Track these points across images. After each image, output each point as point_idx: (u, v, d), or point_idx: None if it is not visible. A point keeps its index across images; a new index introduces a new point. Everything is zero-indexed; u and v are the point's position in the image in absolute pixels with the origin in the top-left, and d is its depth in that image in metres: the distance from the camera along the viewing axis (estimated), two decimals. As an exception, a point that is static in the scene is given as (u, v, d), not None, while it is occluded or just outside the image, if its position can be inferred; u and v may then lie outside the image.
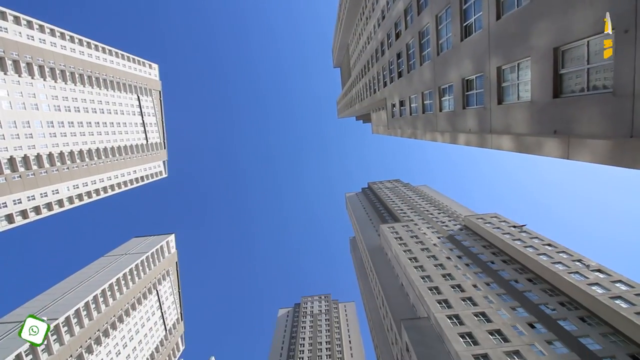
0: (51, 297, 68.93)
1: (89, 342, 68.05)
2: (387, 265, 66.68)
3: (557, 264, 43.64)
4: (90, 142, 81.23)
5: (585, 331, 34.69)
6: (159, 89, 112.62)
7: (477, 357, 31.42)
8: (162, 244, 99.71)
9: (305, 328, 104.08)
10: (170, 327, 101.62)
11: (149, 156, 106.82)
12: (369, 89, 40.81)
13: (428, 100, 20.76)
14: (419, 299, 45.16)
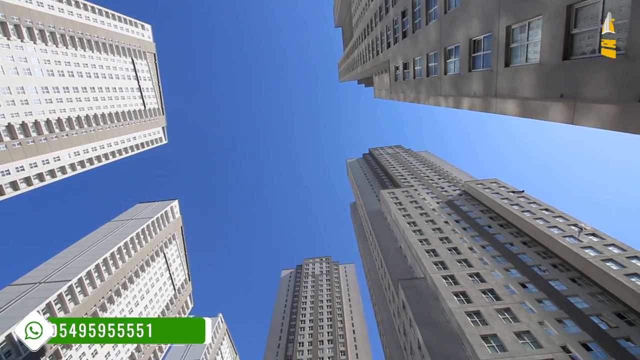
0: (63, 260, 71.66)
1: (102, 301, 71.85)
2: (386, 229, 68.34)
3: (553, 228, 44.69)
4: (87, 108, 79.95)
5: (574, 291, 36.37)
6: (153, 51, 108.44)
7: (470, 314, 33.21)
8: (167, 210, 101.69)
9: (307, 288, 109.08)
10: (179, 287, 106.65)
11: (148, 122, 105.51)
12: (372, 51, 39.27)
13: (433, 62, 20.08)
14: (416, 260, 46.85)
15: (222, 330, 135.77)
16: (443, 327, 34.68)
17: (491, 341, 29.51)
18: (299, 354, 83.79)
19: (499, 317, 32.03)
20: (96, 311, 69.77)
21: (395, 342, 54.14)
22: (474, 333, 30.33)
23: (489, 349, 28.60)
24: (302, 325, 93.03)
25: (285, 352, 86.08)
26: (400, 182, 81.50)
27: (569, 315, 33.34)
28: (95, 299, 69.79)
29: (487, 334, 30.20)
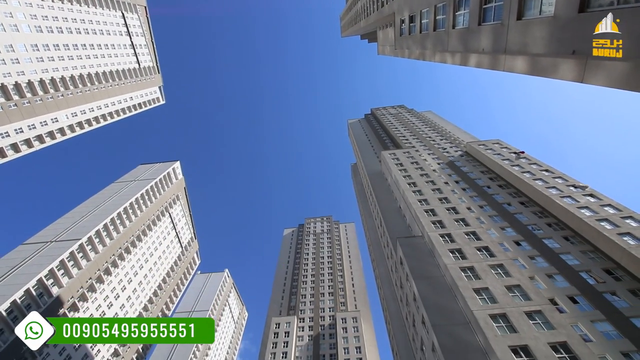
0: (71, 220, 73.71)
1: (113, 258, 75.08)
2: (387, 189, 69.22)
3: (551, 189, 45.22)
4: (80, 67, 77.27)
5: (567, 249, 37.73)
6: (143, 4, 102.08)
7: (464, 269, 34.80)
8: (169, 171, 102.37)
9: (308, 246, 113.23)
10: (185, 245, 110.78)
11: (143, 82, 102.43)
12: (377, 2, 36.92)
13: (441, 15, 18.99)
14: (414, 219, 48.08)
15: (229, 285, 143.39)
16: (438, 281, 36.54)
17: (483, 294, 31.24)
18: (301, 304, 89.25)
19: (491, 272, 33.60)
20: (108, 267, 73.21)
21: (392, 295, 57.37)
22: (467, 286, 32.02)
23: (480, 300, 30.37)
24: (304, 280, 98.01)
25: (288, 303, 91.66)
26: (402, 143, 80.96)
27: (559, 271, 34.93)
28: (106, 256, 72.86)
29: (480, 287, 31.89)
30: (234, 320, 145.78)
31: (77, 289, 64.63)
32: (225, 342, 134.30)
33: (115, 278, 76.12)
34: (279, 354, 73.07)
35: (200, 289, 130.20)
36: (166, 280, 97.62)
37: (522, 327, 26.86)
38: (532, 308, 28.71)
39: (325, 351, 75.83)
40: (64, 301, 61.43)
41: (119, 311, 76.60)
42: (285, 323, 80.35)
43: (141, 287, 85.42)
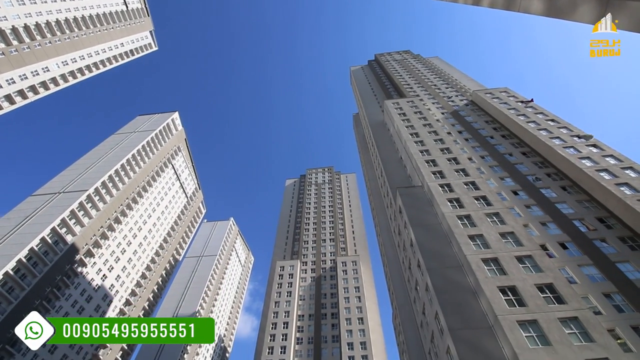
0: (76, 172, 74.75)
1: (121, 207, 77.52)
2: (388, 140, 68.70)
3: (555, 139, 44.77)
4: (64, 10, 72.19)
5: (563, 198, 38.53)
6: None
7: (460, 217, 35.98)
8: (168, 122, 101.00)
9: (310, 196, 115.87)
10: (190, 195, 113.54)
11: (133, 26, 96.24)
12: None
13: (454, -54, 17.15)
14: (415, 170, 48.50)
15: (235, 232, 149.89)
16: (434, 229, 38.04)
17: (477, 240, 32.71)
18: (304, 250, 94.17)
19: (487, 220, 34.79)
20: (117, 217, 75.96)
21: (390, 241, 60.13)
22: (462, 233, 33.41)
23: (473, 246, 31.90)
24: (307, 227, 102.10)
25: (292, 248, 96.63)
26: (406, 92, 78.36)
27: (553, 219, 36.10)
28: (114, 206, 75.17)
29: (474, 234, 33.27)
30: (241, 264, 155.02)
31: (90, 236, 67.83)
32: (234, 283, 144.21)
33: (126, 226, 79.41)
34: (284, 293, 78.93)
35: (208, 236, 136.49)
36: (174, 228, 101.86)
37: (512, 270, 28.57)
38: (523, 253, 30.24)
39: (327, 290, 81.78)
40: (79, 248, 64.88)
41: (132, 256, 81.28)
42: (289, 266, 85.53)
43: (151, 235, 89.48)
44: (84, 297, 66.13)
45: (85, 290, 66.69)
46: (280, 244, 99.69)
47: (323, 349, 69.52)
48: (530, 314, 24.85)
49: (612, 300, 27.46)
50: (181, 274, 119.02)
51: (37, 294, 56.28)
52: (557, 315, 24.43)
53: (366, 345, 66.94)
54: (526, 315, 24.78)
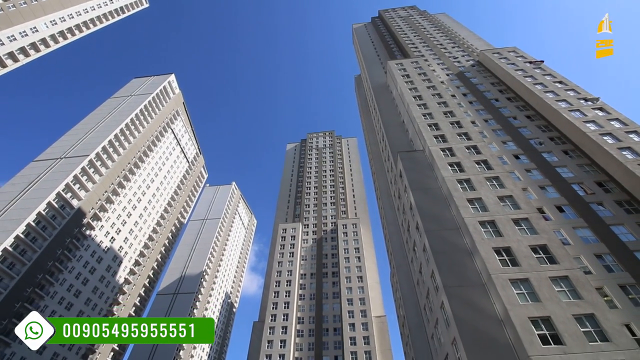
0: (75, 137, 74.33)
1: (124, 172, 78.09)
2: (391, 103, 67.25)
3: (561, 102, 43.77)
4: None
5: (564, 162, 38.50)
6: None
7: (460, 181, 36.30)
8: (165, 85, 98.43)
9: (311, 160, 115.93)
10: (191, 160, 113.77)
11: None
12: None
13: None
14: (417, 134, 48.05)
15: (237, 195, 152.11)
16: (434, 193, 38.55)
17: (475, 203, 33.28)
18: (305, 213, 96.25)
19: (486, 184, 35.13)
20: (121, 181, 76.78)
21: (390, 204, 61.18)
22: (462, 197, 33.92)
23: (472, 209, 32.54)
24: (308, 191, 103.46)
25: (293, 212, 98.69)
26: (410, 52, 75.23)
27: (552, 183, 36.38)
28: (117, 171, 75.68)
29: (473, 197, 33.78)
30: (244, 227, 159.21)
31: (95, 201, 69.10)
32: (238, 245, 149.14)
33: (130, 191, 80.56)
34: (287, 254, 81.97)
35: (211, 200, 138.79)
36: (177, 192, 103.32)
37: (508, 232, 29.40)
38: (519, 216, 30.91)
39: (328, 251, 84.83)
40: (85, 212, 66.38)
41: (138, 220, 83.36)
42: (291, 229, 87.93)
43: (155, 199, 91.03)
44: (94, 259, 68.91)
45: (95, 252, 69.31)
46: (282, 207, 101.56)
47: (324, 304, 73.64)
48: (522, 273, 25.98)
49: (602, 261, 28.51)
50: (186, 236, 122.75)
51: (50, 255, 58.58)
52: (548, 275, 25.54)
53: (365, 301, 70.76)
54: (518, 274, 25.92)
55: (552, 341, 21.85)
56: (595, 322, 22.46)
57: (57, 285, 60.24)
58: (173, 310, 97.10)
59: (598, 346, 21.12)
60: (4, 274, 51.62)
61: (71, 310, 62.58)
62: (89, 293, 67.12)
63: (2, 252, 51.37)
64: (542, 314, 23.22)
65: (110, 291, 73.24)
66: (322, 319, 71.12)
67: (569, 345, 21.29)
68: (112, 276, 73.58)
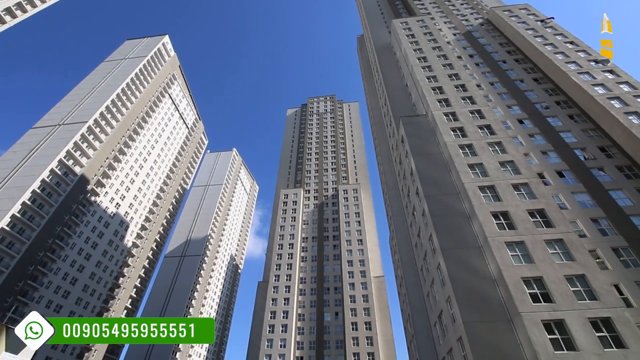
0: (72, 103, 73.02)
1: (124, 139, 77.67)
2: (394, 65, 64.97)
3: (571, 64, 42.17)
4: None
5: (568, 127, 37.96)
6: None
7: (462, 146, 36.08)
8: (159, 47, 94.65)
9: (312, 126, 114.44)
10: (191, 126, 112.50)
11: None
12: None
13: None
14: (420, 98, 46.97)
15: (238, 162, 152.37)
16: (435, 158, 38.52)
17: (476, 169, 33.37)
18: (306, 179, 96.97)
19: (488, 149, 34.97)
20: (121, 148, 76.61)
21: (390, 170, 61.41)
22: (463, 162, 33.93)
23: (472, 174, 32.69)
24: (309, 157, 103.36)
25: (295, 177, 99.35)
26: (417, 9, 71.27)
27: (554, 148, 36.17)
28: (116, 137, 75.24)
29: (474, 162, 33.79)
30: (246, 193, 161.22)
31: (97, 167, 69.46)
32: (241, 210, 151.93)
33: (131, 157, 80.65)
34: (289, 219, 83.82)
35: (212, 166, 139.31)
36: (179, 159, 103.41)
37: (506, 197, 29.79)
38: (519, 181, 31.12)
39: (329, 216, 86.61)
40: (89, 179, 67.01)
41: (141, 186, 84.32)
42: (293, 194, 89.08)
43: (157, 165, 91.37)
44: (101, 224, 70.73)
45: (102, 217, 70.95)
46: (283, 173, 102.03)
47: (325, 266, 76.64)
48: (518, 236, 26.71)
49: (598, 225, 29.16)
50: (190, 202, 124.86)
51: (57, 221, 60.08)
52: (543, 238, 26.27)
53: (364, 262, 73.52)
54: (514, 237, 26.67)
55: (542, 299, 23.01)
56: (585, 282, 23.47)
57: (68, 249, 62.42)
58: (181, 272, 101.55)
59: (586, 304, 22.27)
60: (16, 240, 53.35)
61: (83, 273, 65.41)
62: (99, 256, 69.70)
63: (11, 219, 52.67)
64: (534, 274, 24.22)
65: (120, 254, 75.97)
66: (324, 279, 74.37)
67: (558, 303, 22.45)
68: (120, 240, 75.96)
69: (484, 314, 24.86)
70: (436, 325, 34.47)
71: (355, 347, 62.06)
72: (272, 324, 65.83)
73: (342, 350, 62.93)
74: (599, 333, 21.04)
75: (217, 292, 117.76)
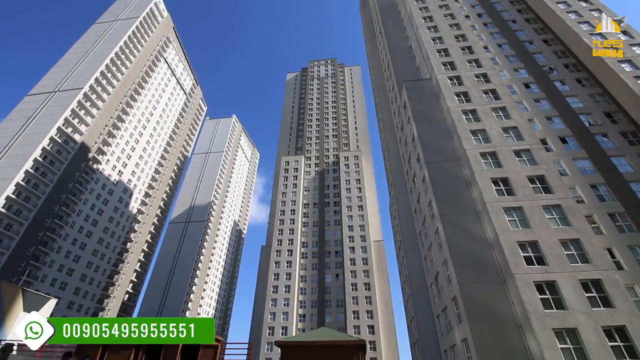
0: (66, 69, 70.88)
1: (121, 105, 76.35)
2: (398, 26, 61.97)
3: (583, 24, 40.10)
4: None
5: (575, 91, 36.97)
6: None
7: (466, 112, 35.45)
8: (151, 6, 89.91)
9: (312, 91, 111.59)
10: (188, 91, 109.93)
11: None
12: None
13: None
14: (424, 60, 45.35)
15: (238, 129, 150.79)
16: (438, 124, 38.03)
17: (479, 135, 33.05)
18: (307, 145, 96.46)
19: (492, 115, 34.39)
20: (119, 115, 75.54)
21: (392, 136, 60.91)
22: (465, 128, 33.55)
23: (474, 140, 32.45)
24: (310, 123, 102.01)
25: (295, 144, 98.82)
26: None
27: (559, 113, 35.51)
28: (114, 104, 73.92)
29: (477, 128, 33.41)
30: (247, 160, 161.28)
31: (97, 135, 68.99)
32: (243, 177, 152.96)
33: (130, 125, 79.79)
34: (290, 185, 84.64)
35: (212, 134, 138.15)
36: (178, 125, 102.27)
37: (507, 163, 29.81)
38: (521, 147, 30.95)
39: (330, 182, 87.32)
40: (89, 147, 66.85)
41: (142, 153, 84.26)
42: (294, 161, 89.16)
43: (157, 133, 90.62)
44: (105, 191, 71.66)
45: (106, 185, 71.71)
46: (284, 139, 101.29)
47: (326, 231, 78.64)
48: (517, 201, 27.10)
49: (596, 191, 29.42)
50: (192, 169, 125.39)
51: (62, 189, 60.83)
52: (541, 203, 26.66)
53: (364, 227, 75.32)
54: (512, 203, 27.08)
55: (535, 262, 23.86)
56: (579, 246, 24.19)
57: (74, 216, 63.82)
58: (186, 238, 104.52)
59: (578, 267, 23.12)
60: (23, 207, 54.37)
61: (91, 238, 67.40)
62: (105, 222, 71.41)
63: (16, 187, 53.32)
64: (530, 238, 24.91)
65: (126, 220, 77.75)
66: (325, 243, 76.66)
67: (551, 266, 23.31)
68: (124, 207, 77.37)
69: (479, 276, 25.92)
70: (432, 286, 36.08)
71: (355, 306, 65.45)
72: (276, 285, 68.96)
73: (342, 309, 66.46)
74: (589, 294, 22.06)
75: (222, 255, 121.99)
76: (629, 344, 19.93)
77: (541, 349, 20.27)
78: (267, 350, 61.28)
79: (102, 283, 69.61)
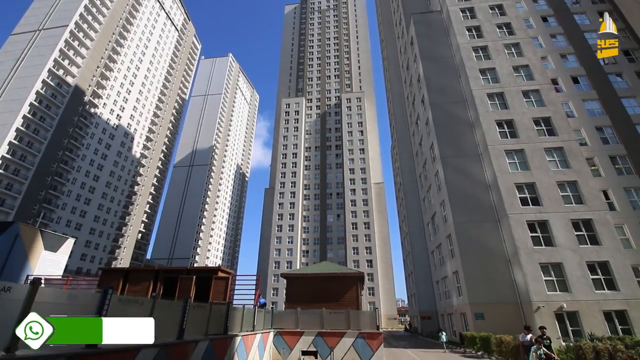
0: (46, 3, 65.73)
1: (111, 44, 72.11)
2: (409, -54, 55.19)
3: (619, -60, 35.53)
4: None
5: (595, 26, 34.23)
6: None
7: (476, 49, 33.46)
8: None
9: (313, 26, 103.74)
10: (180, 28, 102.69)
11: None
12: None
13: None
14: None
15: (236, 69, 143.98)
16: (445, 62, 36.20)
17: (487, 74, 31.68)
18: (308, 87, 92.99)
19: (504, 52, 32.54)
20: (110, 55, 71.80)
21: (397, 76, 58.37)
22: (474, 67, 32.03)
23: (482, 80, 31.22)
24: (310, 62, 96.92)
25: (296, 85, 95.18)
26: None
27: (575, 50, 33.46)
28: (103, 42, 69.81)
29: (487, 67, 31.90)
30: (247, 102, 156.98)
31: (90, 77, 66.44)
32: (243, 120, 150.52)
33: (122, 65, 76.28)
34: (291, 128, 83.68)
35: (209, 75, 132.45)
36: (172, 65, 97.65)
37: (514, 105, 29.08)
38: (530, 87, 29.88)
39: (331, 125, 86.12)
40: (83, 90, 64.82)
41: (139, 96, 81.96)
42: (295, 103, 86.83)
43: (151, 73, 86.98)
44: (106, 135, 71.37)
45: (105, 129, 71.13)
46: (284, 80, 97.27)
47: (328, 174, 79.91)
48: (519, 144, 27.07)
49: (602, 133, 29.07)
50: (191, 112, 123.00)
51: (62, 134, 60.55)
52: (544, 146, 26.64)
53: (365, 170, 76.36)
54: (515, 146, 27.09)
55: (530, 203, 24.72)
56: (575, 188, 24.78)
57: (79, 160, 64.55)
58: (191, 181, 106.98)
59: (571, 207, 23.98)
60: (27, 152, 54.76)
61: (99, 182, 69.03)
62: (110, 166, 72.43)
63: (17, 132, 53.09)
64: (528, 180, 25.43)
65: (130, 164, 78.74)
66: (326, 186, 78.46)
67: (544, 206, 24.19)
68: (127, 151, 77.74)
69: (474, 215, 27.08)
70: (429, 225, 37.88)
71: (355, 243, 69.46)
72: (280, 224, 72.38)
73: (342, 245, 70.66)
74: (578, 232, 23.24)
75: (227, 197, 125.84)
76: (609, 277, 21.59)
77: (526, 280, 22.07)
78: (274, 281, 66.76)
79: (115, 223, 73.11)
